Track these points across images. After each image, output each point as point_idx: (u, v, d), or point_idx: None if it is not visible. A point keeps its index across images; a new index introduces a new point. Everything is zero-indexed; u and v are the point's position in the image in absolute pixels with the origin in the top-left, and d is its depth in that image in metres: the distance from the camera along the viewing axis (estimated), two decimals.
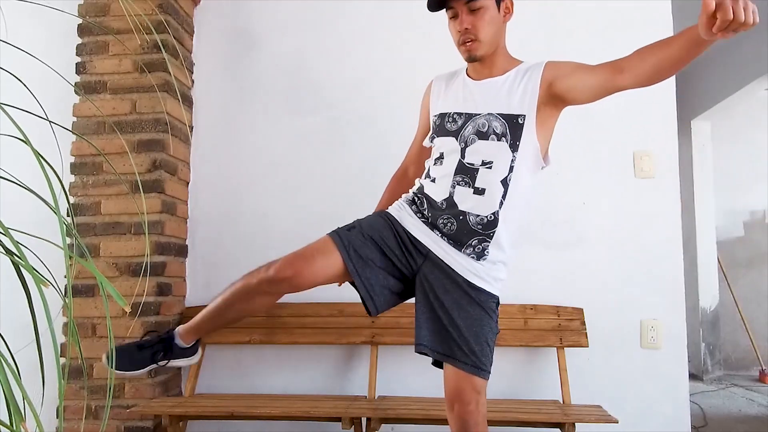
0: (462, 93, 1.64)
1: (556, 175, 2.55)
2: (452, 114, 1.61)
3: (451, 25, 1.60)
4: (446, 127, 1.61)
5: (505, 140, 1.54)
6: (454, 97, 1.64)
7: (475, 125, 1.56)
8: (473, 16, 1.55)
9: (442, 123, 1.62)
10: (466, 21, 1.55)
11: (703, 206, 4.63)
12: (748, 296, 4.81)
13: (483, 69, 1.63)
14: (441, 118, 1.63)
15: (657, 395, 2.42)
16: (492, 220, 1.53)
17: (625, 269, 2.49)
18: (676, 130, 2.55)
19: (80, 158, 2.47)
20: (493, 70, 1.62)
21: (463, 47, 1.58)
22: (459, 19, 1.56)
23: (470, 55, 1.58)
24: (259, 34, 2.77)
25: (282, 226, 2.64)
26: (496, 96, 1.58)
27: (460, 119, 1.59)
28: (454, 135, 1.58)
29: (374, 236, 1.58)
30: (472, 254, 1.54)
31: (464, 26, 1.55)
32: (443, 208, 1.55)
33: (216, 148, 2.73)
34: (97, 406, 2.35)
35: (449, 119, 1.61)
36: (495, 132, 1.54)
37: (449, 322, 1.51)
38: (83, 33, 2.52)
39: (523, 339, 2.41)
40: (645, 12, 2.59)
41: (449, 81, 1.70)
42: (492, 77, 1.62)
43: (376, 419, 2.13)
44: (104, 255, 2.41)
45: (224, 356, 2.60)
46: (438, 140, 1.63)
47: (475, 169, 1.54)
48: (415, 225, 1.58)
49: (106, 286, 0.71)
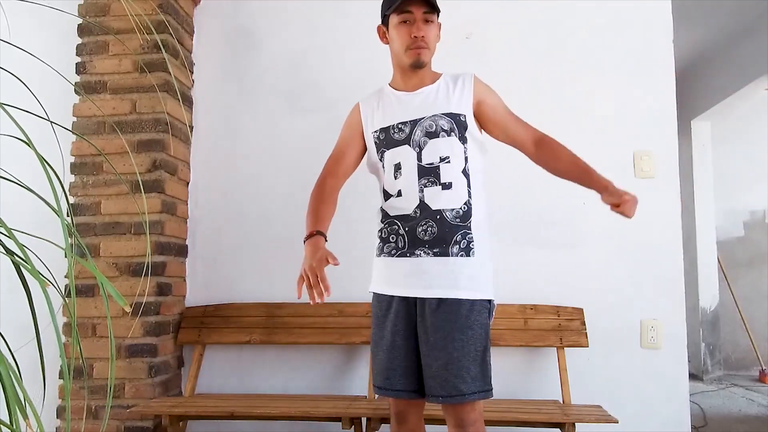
0: (398, 106, 1.69)
1: None
2: (397, 125, 1.66)
3: (402, 29, 1.64)
4: (394, 138, 1.66)
5: (454, 134, 1.62)
6: (392, 111, 1.69)
7: (423, 128, 1.63)
8: (427, 26, 1.63)
9: (388, 135, 1.67)
10: (422, 29, 1.62)
11: (703, 206, 4.63)
12: (748, 296, 4.81)
13: (414, 80, 1.70)
14: (385, 132, 1.68)
15: (657, 395, 2.42)
16: (467, 210, 1.59)
17: (625, 269, 2.49)
18: (676, 130, 2.55)
19: (80, 158, 2.47)
20: (425, 81, 1.70)
21: (414, 51, 1.63)
22: (415, 26, 1.62)
23: (419, 59, 1.64)
24: (259, 34, 2.77)
25: (282, 226, 2.65)
26: (435, 100, 1.66)
27: (406, 127, 1.65)
28: (406, 142, 1.64)
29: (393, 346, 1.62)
30: (461, 252, 1.57)
31: (420, 33, 1.62)
32: (418, 216, 1.60)
33: (216, 148, 2.73)
34: (97, 406, 2.35)
35: (395, 130, 1.67)
36: (443, 129, 1.62)
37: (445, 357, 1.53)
38: (83, 33, 2.52)
39: (523, 339, 2.41)
40: (645, 12, 2.59)
41: (378, 100, 1.75)
42: (425, 86, 1.69)
43: (376, 419, 2.14)
44: (104, 255, 2.41)
45: (224, 356, 2.60)
46: (389, 153, 1.67)
47: (435, 167, 1.60)
48: (392, 278, 1.64)
49: (107, 286, 0.71)
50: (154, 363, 2.37)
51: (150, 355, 2.36)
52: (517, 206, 2.53)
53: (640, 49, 2.58)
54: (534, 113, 2.58)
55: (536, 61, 2.62)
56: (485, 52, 2.64)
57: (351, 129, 1.77)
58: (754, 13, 3.71)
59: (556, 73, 2.60)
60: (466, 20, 2.65)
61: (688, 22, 3.75)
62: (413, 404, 1.64)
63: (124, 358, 2.36)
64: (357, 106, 1.80)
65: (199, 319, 2.56)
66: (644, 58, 2.57)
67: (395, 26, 1.65)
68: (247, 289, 2.63)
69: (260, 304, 2.58)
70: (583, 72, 2.60)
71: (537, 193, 2.55)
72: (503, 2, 2.66)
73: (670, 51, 2.57)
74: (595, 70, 2.59)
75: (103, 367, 2.37)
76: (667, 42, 2.57)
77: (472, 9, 2.66)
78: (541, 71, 2.61)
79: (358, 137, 1.75)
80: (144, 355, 2.36)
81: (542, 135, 1.69)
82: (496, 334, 2.41)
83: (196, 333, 2.53)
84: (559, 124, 2.58)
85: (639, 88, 2.56)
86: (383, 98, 1.74)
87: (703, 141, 4.70)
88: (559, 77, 2.60)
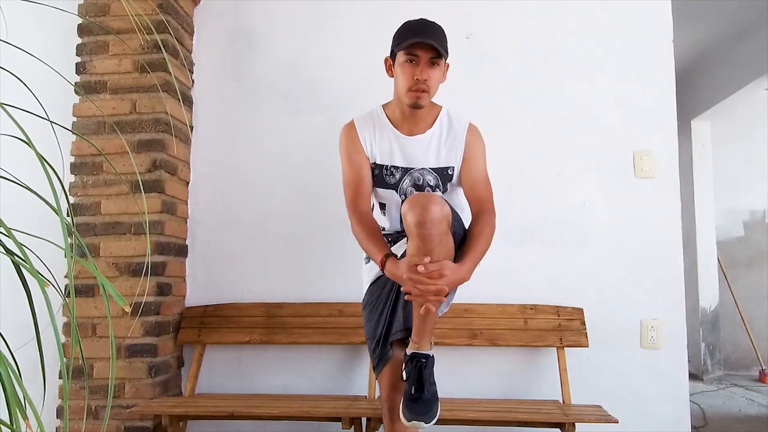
0: (395, 146, 1.77)
1: (556, 175, 2.56)
2: (389, 167, 1.77)
3: (407, 68, 1.67)
4: (385, 179, 1.78)
5: (438, 189, 1.77)
6: (389, 150, 1.77)
7: (412, 178, 1.76)
8: (432, 69, 1.66)
9: (381, 174, 1.78)
10: (426, 72, 1.65)
11: (703, 206, 4.64)
12: (748, 296, 4.81)
13: (410, 123, 1.76)
14: (379, 169, 1.78)
15: (657, 395, 2.42)
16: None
17: (625, 269, 2.49)
18: (676, 130, 2.55)
19: (80, 158, 2.47)
20: (420, 126, 1.77)
21: (414, 93, 1.66)
22: (419, 68, 1.65)
23: (417, 103, 1.68)
24: (259, 34, 2.77)
25: (282, 226, 2.65)
26: (426, 152, 1.75)
27: (397, 173, 1.77)
28: (394, 188, 1.78)
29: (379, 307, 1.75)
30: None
31: (424, 76, 1.64)
32: (399, 236, 1.80)
33: (216, 148, 2.73)
34: (97, 406, 2.35)
35: (387, 172, 1.78)
36: (429, 184, 1.76)
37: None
38: (83, 33, 2.52)
39: (523, 339, 2.41)
40: (645, 12, 2.59)
41: (376, 130, 1.79)
42: (420, 133, 1.77)
43: (376, 419, 2.14)
44: (104, 255, 2.41)
45: (224, 356, 2.60)
46: (380, 191, 1.81)
47: None
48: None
49: (107, 286, 0.71)
50: (154, 363, 2.37)
51: (150, 355, 2.36)
52: (517, 206, 2.53)
53: (640, 49, 2.58)
54: (534, 113, 2.60)
55: (536, 60, 2.62)
56: (485, 52, 2.64)
57: (357, 149, 1.79)
58: (754, 13, 3.71)
59: (556, 72, 2.60)
60: (466, 20, 2.65)
61: (688, 22, 3.75)
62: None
63: (124, 358, 2.36)
64: (353, 125, 1.82)
65: (199, 319, 2.56)
66: (644, 58, 2.57)
67: (401, 64, 1.68)
68: (247, 289, 2.63)
69: (260, 304, 2.58)
70: (583, 72, 2.60)
71: (537, 194, 2.55)
72: (503, 2, 2.66)
73: (670, 51, 2.57)
74: (595, 70, 2.59)
75: (103, 367, 2.37)
76: (667, 42, 2.57)
77: (472, 9, 2.66)
78: (541, 71, 2.61)
79: (365, 157, 1.79)
80: (144, 355, 2.36)
81: (487, 211, 1.72)
82: (496, 334, 2.42)
83: (196, 333, 2.53)
84: (559, 124, 2.59)
85: (639, 88, 2.56)
86: (381, 131, 1.78)
87: (703, 141, 4.70)
88: (559, 77, 2.60)
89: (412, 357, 1.58)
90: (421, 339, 1.58)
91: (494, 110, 2.58)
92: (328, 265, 2.60)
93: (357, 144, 1.78)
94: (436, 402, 1.56)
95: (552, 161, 2.56)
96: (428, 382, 1.56)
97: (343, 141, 1.81)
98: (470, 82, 2.60)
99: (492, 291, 2.48)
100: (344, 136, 1.82)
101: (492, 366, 2.50)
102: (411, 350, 1.59)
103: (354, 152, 1.78)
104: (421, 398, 1.53)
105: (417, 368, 1.55)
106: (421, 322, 1.55)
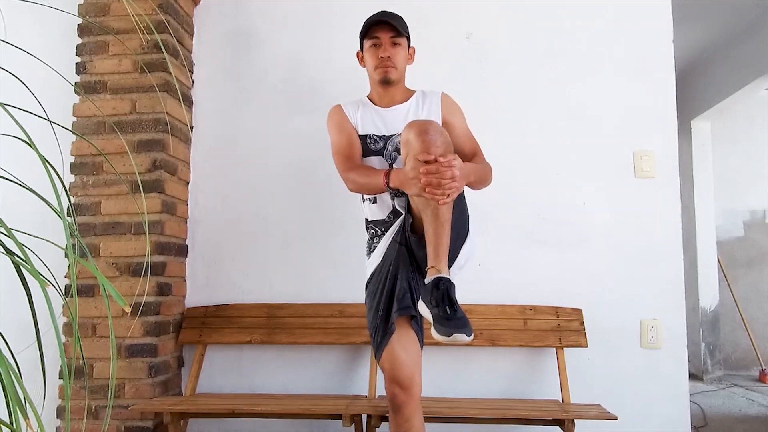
0: (375, 118, 1.93)
1: (556, 175, 2.56)
2: (373, 136, 1.90)
3: (372, 52, 1.89)
4: (370, 147, 1.89)
5: None
6: (371, 121, 1.92)
7: (393, 144, 1.87)
8: (393, 48, 1.88)
9: (365, 143, 1.90)
10: (388, 51, 1.87)
11: (703, 206, 4.64)
12: (748, 296, 4.81)
13: (387, 97, 1.94)
14: (363, 139, 1.90)
15: (657, 395, 2.42)
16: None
17: (625, 269, 2.49)
18: (676, 130, 2.55)
19: (80, 158, 2.47)
20: (396, 98, 1.95)
21: (382, 69, 1.88)
22: (382, 48, 1.87)
23: (386, 76, 1.88)
24: (259, 34, 2.77)
25: (282, 226, 2.65)
26: (404, 119, 1.83)
27: (380, 141, 1.89)
28: (380, 154, 1.88)
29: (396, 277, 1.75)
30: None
31: (386, 54, 1.87)
32: (392, 220, 1.83)
33: (216, 148, 2.73)
34: (97, 406, 2.35)
35: (371, 140, 1.90)
36: None
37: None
38: (83, 33, 2.52)
39: (522, 339, 2.41)
40: (645, 12, 2.59)
41: (359, 108, 1.96)
42: (397, 104, 1.94)
43: (377, 416, 2.14)
44: (104, 255, 2.41)
45: (225, 356, 2.60)
46: (365, 160, 1.89)
47: None
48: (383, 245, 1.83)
49: (107, 287, 0.71)
50: (154, 363, 2.37)
51: (150, 356, 2.36)
52: (516, 206, 2.53)
53: (640, 49, 2.58)
54: (534, 113, 2.60)
55: (536, 60, 2.62)
56: (485, 52, 2.64)
57: (345, 124, 1.94)
58: (754, 13, 3.71)
59: (556, 72, 2.60)
60: (466, 20, 2.65)
61: (688, 22, 3.75)
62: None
63: (124, 358, 2.36)
64: (339, 107, 1.99)
65: (200, 320, 2.57)
66: (644, 58, 2.57)
67: (367, 50, 1.91)
68: (247, 290, 2.63)
69: (261, 304, 2.58)
70: (583, 72, 2.60)
71: (536, 193, 2.55)
72: (503, 2, 2.66)
73: (670, 51, 2.57)
74: (595, 70, 2.59)
75: (103, 367, 2.37)
76: (667, 42, 2.57)
77: (472, 9, 2.66)
78: (541, 71, 2.61)
79: (353, 128, 1.92)
80: (144, 355, 2.36)
81: (484, 161, 1.90)
82: (496, 334, 2.42)
83: (197, 333, 2.53)
84: (559, 124, 2.59)
85: (639, 88, 2.56)
86: (364, 108, 1.95)
87: (703, 141, 4.70)
88: (559, 77, 2.60)
89: (436, 283, 1.55)
90: (438, 260, 1.58)
91: (494, 110, 2.58)
92: (329, 266, 2.60)
93: (344, 120, 1.95)
94: (468, 320, 1.55)
95: (552, 161, 2.56)
96: (457, 303, 1.55)
97: (332, 115, 1.98)
98: (470, 82, 2.60)
99: (492, 292, 2.49)
100: (332, 112, 1.99)
101: (492, 366, 2.50)
102: (431, 277, 1.57)
103: (343, 123, 1.94)
104: (456, 315, 1.51)
105: (444, 290, 1.54)
106: (436, 237, 1.57)
